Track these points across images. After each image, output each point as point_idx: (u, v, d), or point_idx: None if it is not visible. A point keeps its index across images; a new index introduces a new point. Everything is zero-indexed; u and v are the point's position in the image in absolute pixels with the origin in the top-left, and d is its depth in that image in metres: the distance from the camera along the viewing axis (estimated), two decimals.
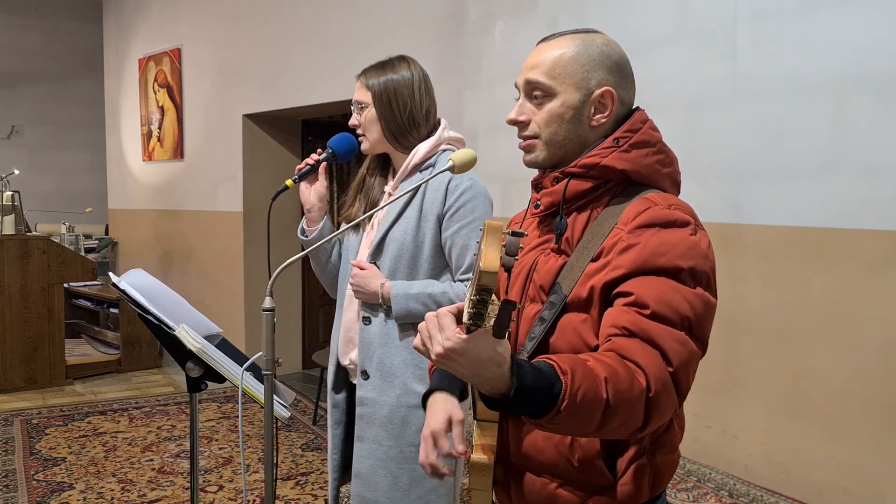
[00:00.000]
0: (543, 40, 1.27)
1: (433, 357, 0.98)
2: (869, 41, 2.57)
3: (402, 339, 1.89)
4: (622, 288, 1.12)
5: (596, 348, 1.14)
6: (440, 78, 4.13)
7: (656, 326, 1.07)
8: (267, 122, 5.79)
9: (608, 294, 1.14)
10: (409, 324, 1.88)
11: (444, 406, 1.26)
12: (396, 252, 1.88)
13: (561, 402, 0.98)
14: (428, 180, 1.65)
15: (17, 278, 5.10)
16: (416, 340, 1.03)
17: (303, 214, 2.06)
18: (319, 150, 2.01)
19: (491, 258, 0.90)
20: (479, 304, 0.91)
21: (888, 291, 2.54)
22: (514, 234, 0.94)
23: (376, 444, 1.91)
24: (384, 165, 2.02)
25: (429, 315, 1.00)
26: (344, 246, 2.07)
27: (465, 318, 0.94)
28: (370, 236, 1.96)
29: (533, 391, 0.98)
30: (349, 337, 1.98)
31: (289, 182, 1.94)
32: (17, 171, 5.89)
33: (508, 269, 0.93)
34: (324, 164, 1.99)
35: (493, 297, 0.93)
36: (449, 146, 1.93)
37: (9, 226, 5.18)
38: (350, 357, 1.99)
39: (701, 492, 2.95)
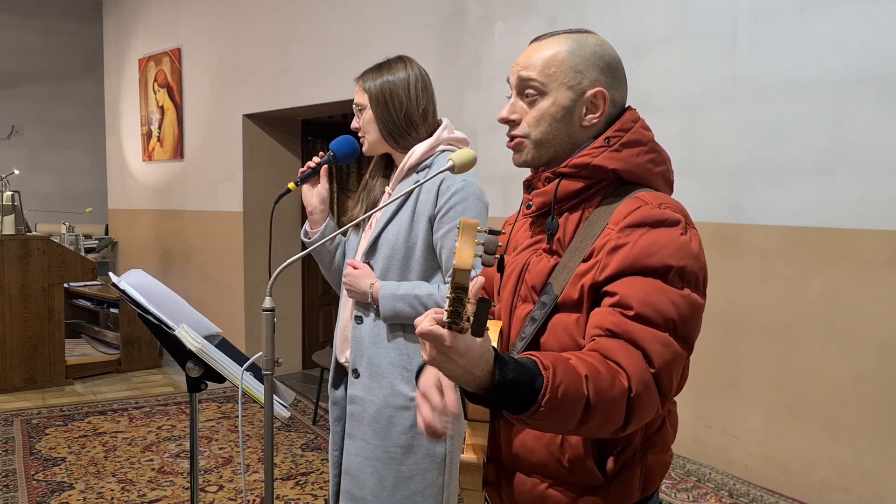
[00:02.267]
0: (536, 40, 1.26)
1: (429, 357, 0.98)
2: (869, 41, 2.57)
3: (390, 339, 1.90)
4: (609, 288, 1.12)
5: None
6: (440, 78, 4.13)
7: (639, 328, 1.07)
8: (267, 122, 5.79)
9: (597, 293, 1.14)
10: (398, 324, 1.89)
11: (434, 371, 1.25)
12: (389, 252, 1.89)
13: (542, 397, 0.98)
14: (428, 180, 1.65)
15: (17, 278, 5.10)
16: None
17: (304, 216, 2.07)
18: (321, 153, 2.03)
19: (465, 256, 0.90)
20: (455, 303, 0.91)
21: (887, 291, 2.54)
22: (491, 232, 0.94)
23: (364, 442, 1.92)
24: (387, 166, 2.03)
25: (418, 320, 0.98)
26: (347, 246, 2.09)
27: (444, 317, 0.94)
28: (367, 236, 1.98)
29: (514, 385, 0.98)
30: (345, 335, 2.01)
31: (291, 185, 1.98)
32: (17, 171, 5.89)
33: (494, 267, 0.92)
34: (325, 166, 2.01)
35: (470, 296, 0.93)
36: (449, 147, 1.93)
37: (9, 226, 5.18)
38: (346, 355, 2.01)
39: (701, 492, 2.95)
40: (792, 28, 2.76)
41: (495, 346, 1.02)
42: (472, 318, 0.93)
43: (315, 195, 2.02)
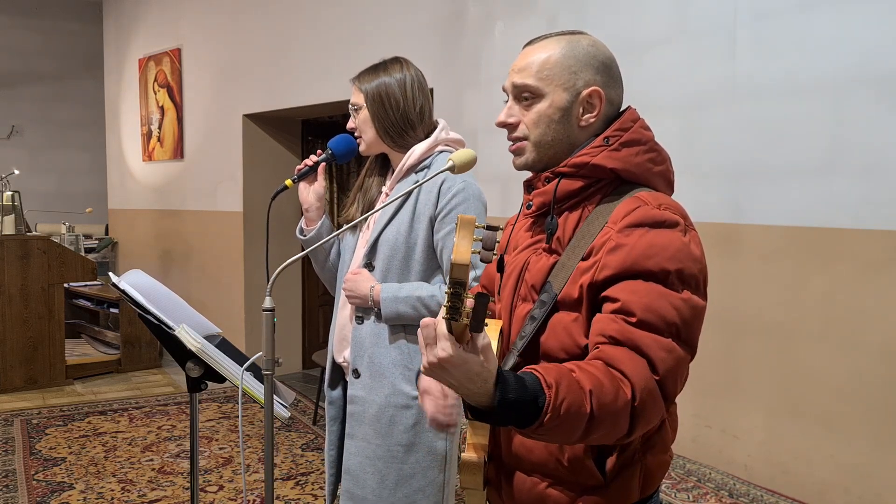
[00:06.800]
0: (529, 43, 1.27)
1: (425, 364, 0.99)
2: (868, 41, 2.57)
3: (392, 340, 1.91)
4: (609, 293, 1.12)
5: (586, 347, 1.14)
6: (440, 78, 4.13)
7: (643, 335, 1.08)
8: (267, 122, 5.79)
9: (596, 294, 1.14)
10: (399, 325, 1.90)
11: None
12: (389, 253, 1.89)
13: (544, 415, 1.00)
14: (427, 180, 1.66)
15: (17, 278, 5.10)
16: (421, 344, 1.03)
17: (302, 214, 2.07)
18: (319, 151, 2.04)
19: (463, 250, 0.90)
20: (454, 298, 0.91)
21: (887, 291, 2.54)
22: (488, 227, 0.95)
23: (365, 441, 1.93)
24: (383, 165, 2.04)
25: (426, 321, 0.99)
26: (342, 245, 2.09)
27: (442, 312, 0.94)
28: (366, 236, 1.98)
29: (516, 405, 1.00)
30: (343, 335, 2.01)
31: (288, 182, 1.98)
32: (17, 171, 5.89)
33: (493, 264, 0.93)
34: (323, 164, 2.02)
35: (468, 292, 0.93)
36: (447, 147, 1.94)
37: (9, 226, 5.18)
38: (344, 355, 2.01)
39: (701, 492, 2.96)
40: (792, 28, 2.76)
41: (499, 356, 1.03)
42: (470, 314, 0.94)
43: (312, 193, 2.02)
